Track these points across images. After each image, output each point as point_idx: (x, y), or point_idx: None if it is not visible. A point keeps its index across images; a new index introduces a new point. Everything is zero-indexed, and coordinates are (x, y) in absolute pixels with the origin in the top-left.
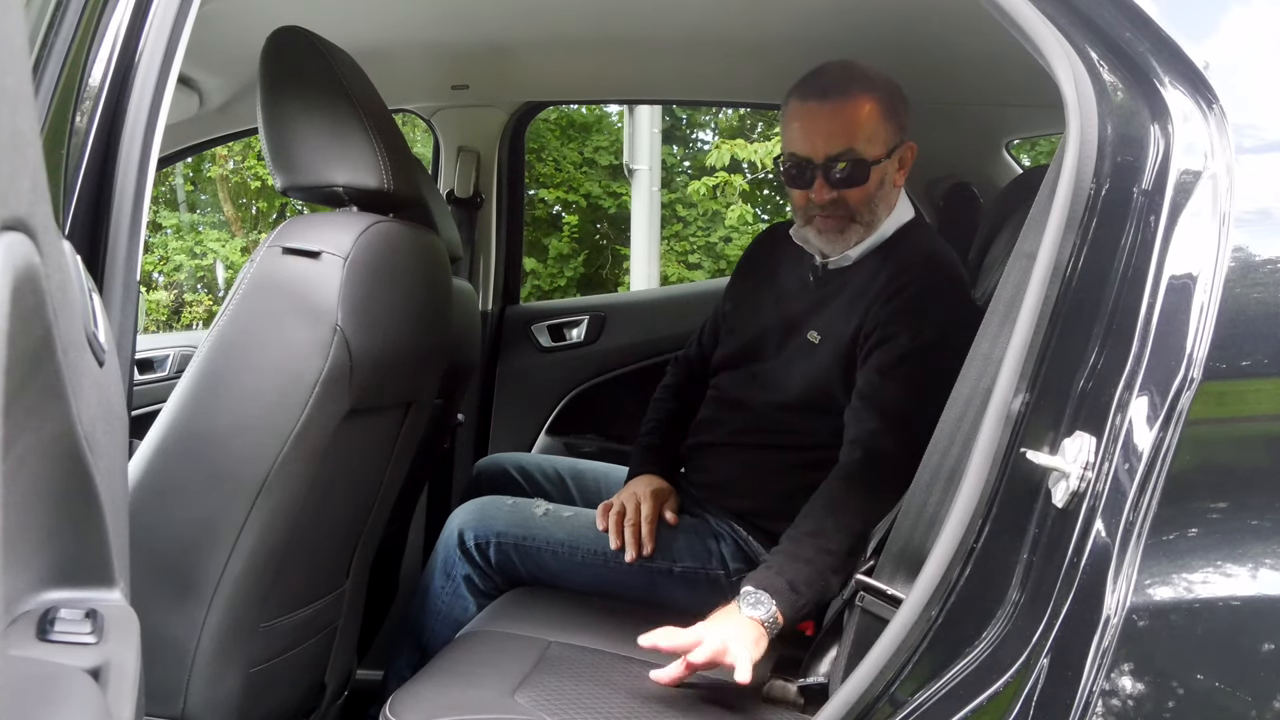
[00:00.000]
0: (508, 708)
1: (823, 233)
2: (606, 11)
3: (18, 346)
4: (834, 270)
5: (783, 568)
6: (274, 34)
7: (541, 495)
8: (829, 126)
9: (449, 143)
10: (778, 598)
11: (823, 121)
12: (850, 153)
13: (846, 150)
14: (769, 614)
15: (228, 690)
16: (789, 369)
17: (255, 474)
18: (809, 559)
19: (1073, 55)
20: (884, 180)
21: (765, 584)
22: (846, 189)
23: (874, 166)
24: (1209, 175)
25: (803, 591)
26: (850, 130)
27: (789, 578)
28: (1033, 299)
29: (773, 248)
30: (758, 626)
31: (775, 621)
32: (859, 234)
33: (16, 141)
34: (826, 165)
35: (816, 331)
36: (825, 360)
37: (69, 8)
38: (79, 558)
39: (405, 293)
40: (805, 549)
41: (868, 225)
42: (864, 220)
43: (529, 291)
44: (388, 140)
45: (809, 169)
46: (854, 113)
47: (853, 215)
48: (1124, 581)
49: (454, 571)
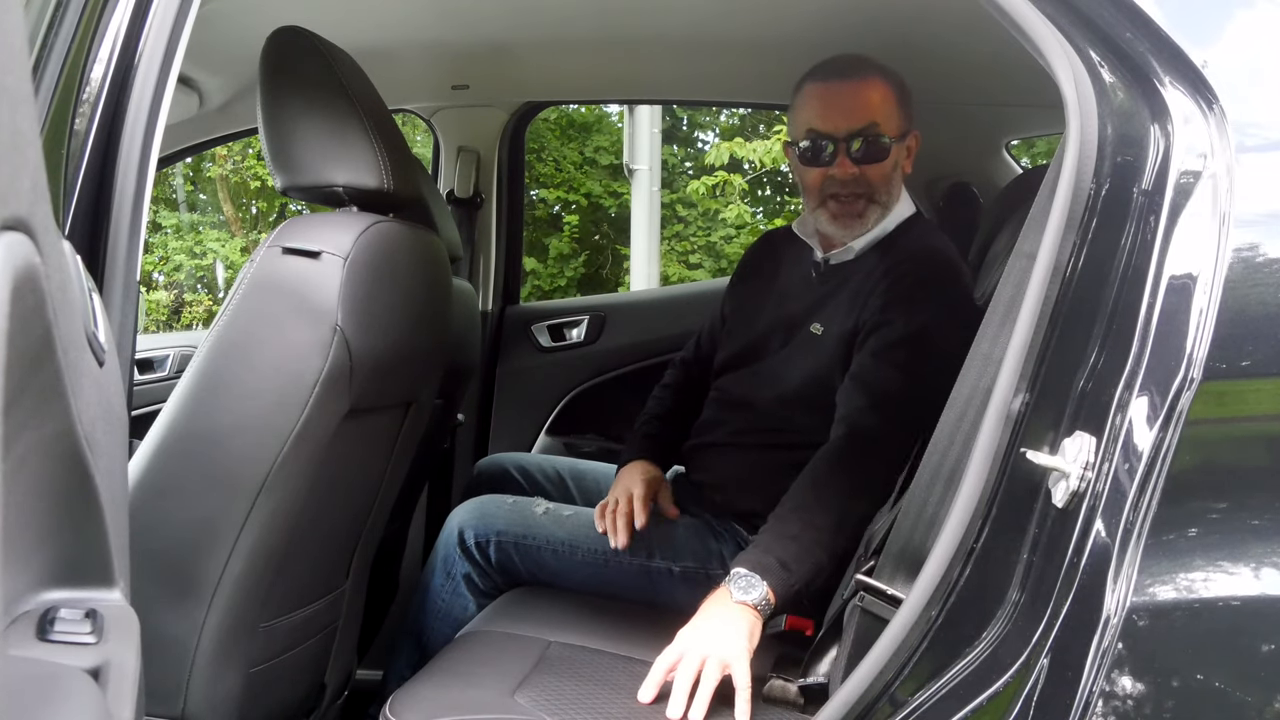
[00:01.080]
0: (508, 708)
1: (838, 218)
2: (606, 11)
3: (18, 346)
4: (836, 265)
5: (770, 546)
6: (274, 34)
7: (542, 495)
8: (851, 103)
9: (449, 143)
10: (768, 576)
11: (845, 98)
12: (873, 127)
13: (869, 125)
14: (761, 597)
15: (228, 690)
16: (790, 362)
17: (255, 474)
18: (795, 535)
19: (1073, 55)
20: (898, 163)
21: (754, 563)
22: (868, 165)
23: (893, 144)
24: (1209, 175)
25: (793, 569)
26: (871, 107)
27: (777, 555)
28: (1033, 299)
29: (771, 250)
30: (750, 612)
31: (768, 603)
32: (876, 215)
33: (16, 141)
34: (849, 140)
35: (819, 324)
36: (827, 352)
37: (69, 8)
38: (79, 557)
39: (405, 293)
40: (791, 526)
41: (884, 207)
42: (881, 200)
43: (529, 291)
44: (388, 140)
45: (830, 145)
46: (873, 91)
47: (872, 194)
48: (1124, 581)
49: (454, 570)
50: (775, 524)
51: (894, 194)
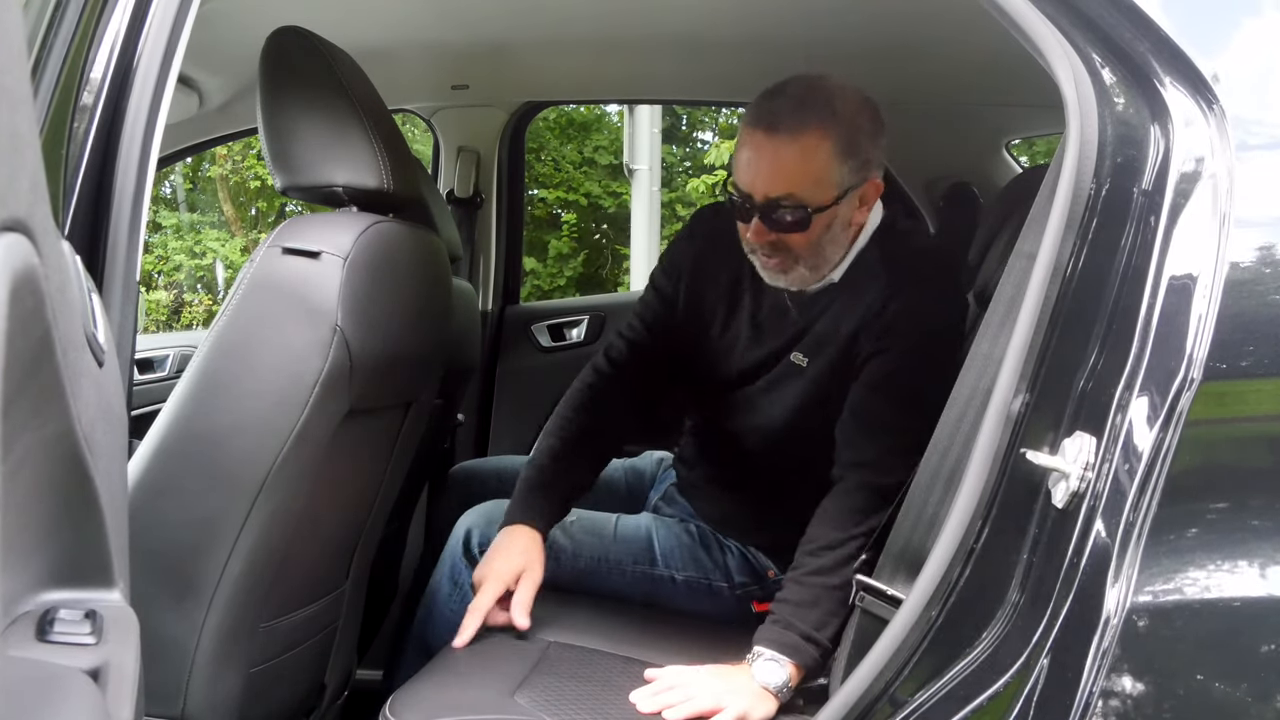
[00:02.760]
0: (508, 708)
1: (767, 268)
2: (606, 11)
3: (17, 347)
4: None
5: (790, 621)
6: (274, 34)
7: None
8: (771, 166)
9: (449, 143)
10: (796, 655)
11: (765, 159)
12: (790, 198)
13: (786, 195)
14: (784, 683)
15: (228, 690)
16: (775, 394)
17: (255, 474)
18: (814, 600)
19: (1073, 55)
20: (833, 224)
21: (778, 644)
22: (785, 233)
23: (817, 214)
24: (1209, 175)
25: (818, 637)
26: (794, 173)
27: (800, 630)
28: (1033, 299)
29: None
30: (771, 700)
31: (789, 689)
32: (804, 275)
33: (15, 142)
34: (766, 207)
35: (802, 354)
36: (814, 381)
37: (69, 8)
38: (79, 558)
39: (405, 293)
40: (809, 591)
41: (814, 269)
42: (809, 264)
43: (529, 291)
44: (388, 140)
45: (748, 206)
46: (800, 154)
47: (796, 258)
48: (1124, 581)
49: (461, 579)
50: (793, 590)
51: (827, 253)
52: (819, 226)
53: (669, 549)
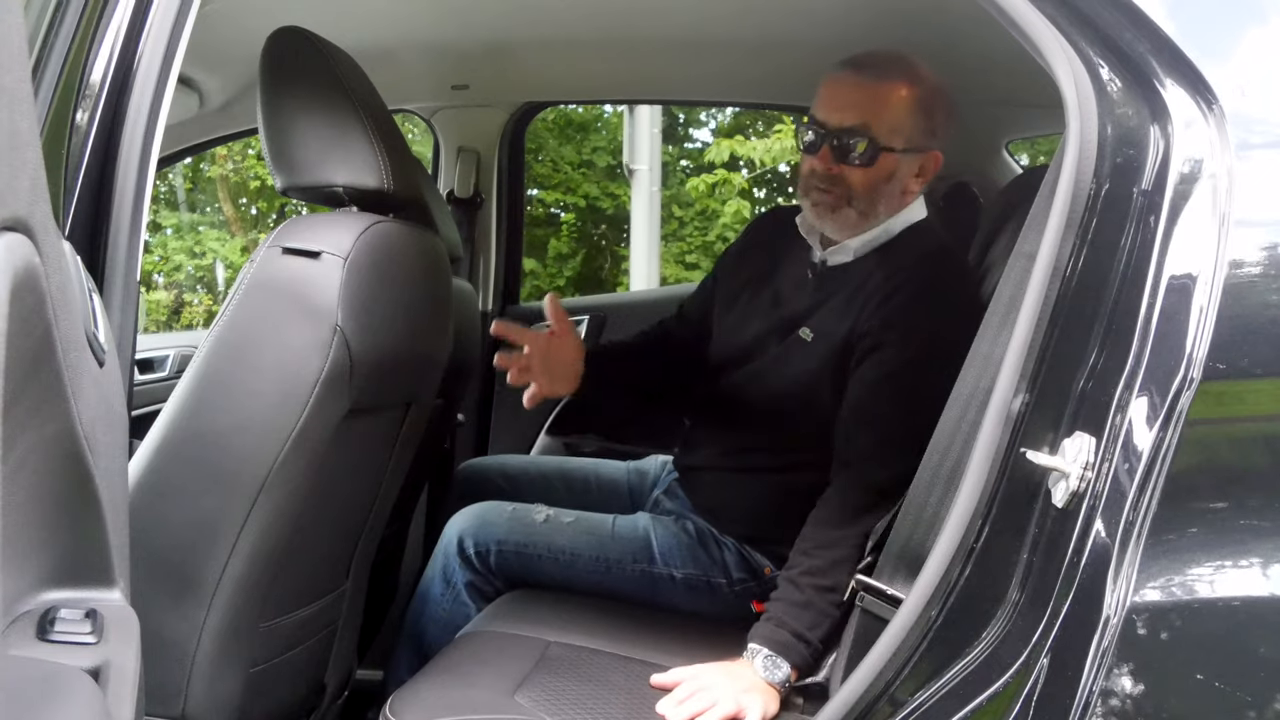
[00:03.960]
0: (508, 708)
1: (816, 205)
2: (606, 11)
3: (18, 347)
4: (833, 268)
5: (783, 619)
6: (274, 34)
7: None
8: (851, 98)
9: (449, 143)
10: (789, 654)
11: (846, 92)
12: (864, 129)
13: (860, 125)
14: (785, 678)
15: (228, 690)
16: (781, 367)
17: (255, 474)
18: (807, 602)
19: (1073, 55)
20: (894, 175)
21: (772, 642)
22: (849, 166)
23: (885, 153)
24: (1209, 175)
25: (810, 638)
26: (871, 108)
27: (792, 629)
28: (1033, 299)
29: (774, 237)
30: (774, 695)
31: (789, 685)
32: (851, 220)
33: (15, 142)
34: (837, 135)
35: (810, 329)
36: (817, 358)
37: (69, 8)
38: (79, 558)
39: (405, 293)
40: (803, 591)
41: (863, 214)
42: (859, 207)
43: (529, 291)
44: (388, 140)
45: (820, 136)
46: (881, 93)
47: (849, 197)
48: (1124, 581)
49: (454, 579)
50: (787, 590)
51: (879, 206)
52: (882, 169)
53: (667, 547)
